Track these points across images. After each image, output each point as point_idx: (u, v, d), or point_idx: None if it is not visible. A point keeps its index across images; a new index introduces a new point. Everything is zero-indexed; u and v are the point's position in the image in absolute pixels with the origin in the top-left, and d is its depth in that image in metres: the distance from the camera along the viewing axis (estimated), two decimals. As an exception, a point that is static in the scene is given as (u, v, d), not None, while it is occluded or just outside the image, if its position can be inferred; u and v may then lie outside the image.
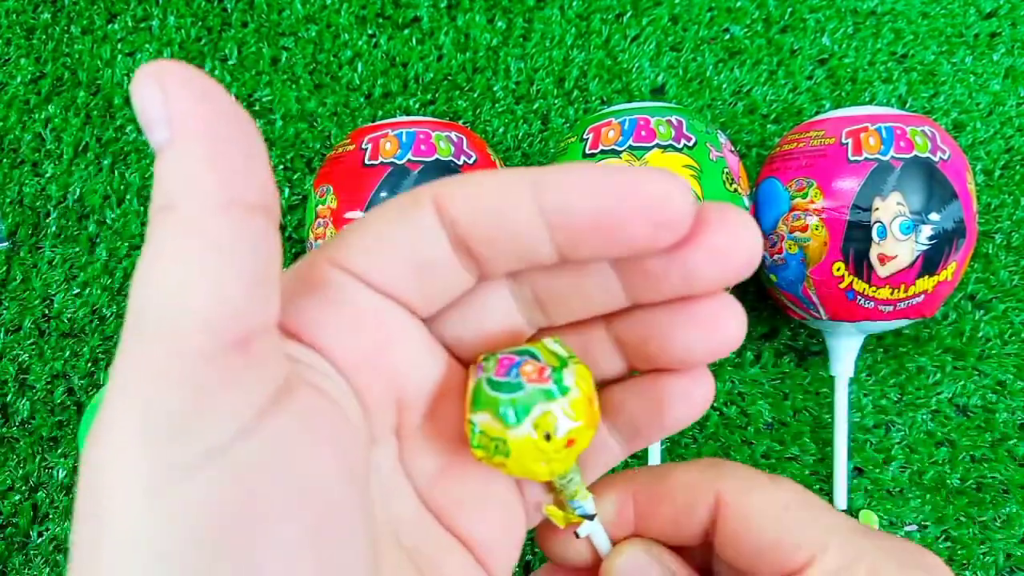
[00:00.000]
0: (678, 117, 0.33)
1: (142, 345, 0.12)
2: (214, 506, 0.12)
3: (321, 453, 0.14)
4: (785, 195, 0.34)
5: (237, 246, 0.13)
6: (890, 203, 0.32)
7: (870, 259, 0.32)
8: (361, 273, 0.16)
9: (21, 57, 0.42)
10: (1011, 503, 0.38)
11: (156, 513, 0.12)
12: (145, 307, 0.12)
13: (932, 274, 0.32)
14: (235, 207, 0.13)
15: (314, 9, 0.43)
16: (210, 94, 0.13)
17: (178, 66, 0.13)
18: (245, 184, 0.13)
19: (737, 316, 0.17)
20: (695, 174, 0.32)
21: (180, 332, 0.12)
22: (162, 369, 0.12)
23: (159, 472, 0.12)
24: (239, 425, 0.13)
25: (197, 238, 0.12)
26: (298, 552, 0.13)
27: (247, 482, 0.12)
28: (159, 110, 0.13)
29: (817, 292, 0.34)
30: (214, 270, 0.12)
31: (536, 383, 0.16)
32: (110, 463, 0.12)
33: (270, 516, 0.13)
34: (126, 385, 0.12)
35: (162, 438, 0.12)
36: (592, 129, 0.33)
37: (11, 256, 0.40)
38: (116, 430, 0.12)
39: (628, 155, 0.32)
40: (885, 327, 0.34)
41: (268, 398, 0.13)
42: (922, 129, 0.33)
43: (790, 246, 0.34)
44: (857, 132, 0.33)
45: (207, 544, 0.12)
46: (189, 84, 0.13)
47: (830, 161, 0.33)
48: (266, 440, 0.13)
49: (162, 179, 0.13)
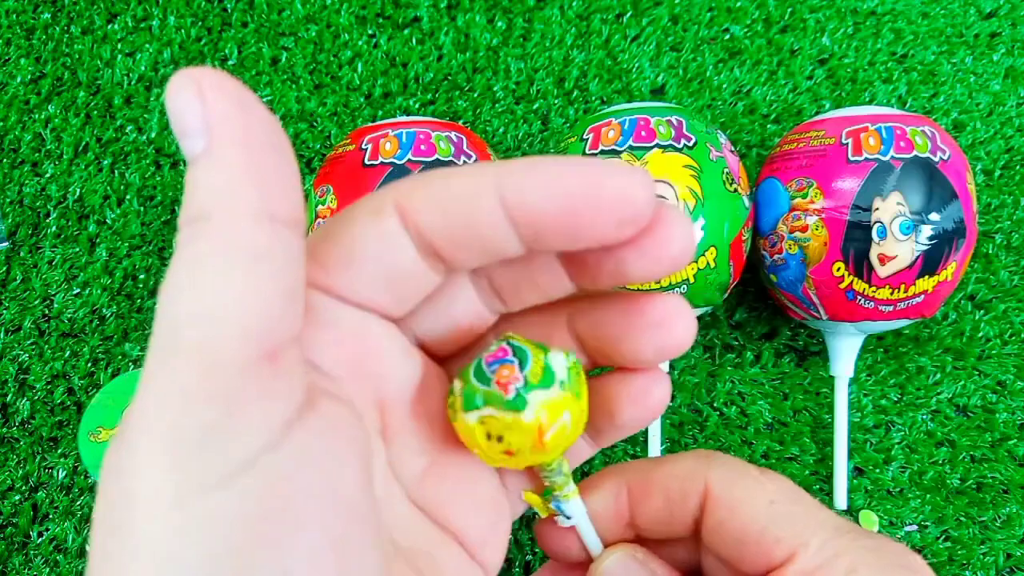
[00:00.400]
0: (678, 117, 0.33)
1: (176, 356, 0.12)
2: (241, 518, 0.12)
3: (345, 461, 0.14)
4: (785, 195, 0.34)
5: (274, 258, 0.13)
6: (890, 203, 0.32)
7: (870, 259, 0.32)
8: (334, 290, 0.16)
9: (21, 57, 0.42)
10: (1011, 503, 0.38)
11: (183, 525, 0.12)
12: (179, 316, 0.12)
13: (932, 274, 0.32)
14: (270, 219, 0.13)
15: (314, 9, 0.43)
16: (248, 104, 0.13)
17: (216, 74, 0.13)
18: (281, 197, 0.13)
19: (685, 318, 0.17)
20: (695, 174, 0.32)
21: (217, 342, 0.12)
22: (197, 380, 0.12)
23: (188, 484, 0.12)
24: (268, 437, 0.13)
25: (235, 247, 0.12)
26: (323, 560, 0.13)
27: (274, 493, 0.12)
28: (197, 118, 0.12)
29: (817, 292, 0.34)
30: (253, 281, 0.12)
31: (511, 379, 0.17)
32: (138, 473, 0.12)
33: (296, 525, 0.13)
34: (158, 395, 0.12)
35: (193, 451, 0.12)
36: (592, 129, 0.33)
37: (11, 256, 0.41)
38: (145, 441, 0.12)
39: (628, 155, 0.32)
40: (885, 327, 0.34)
41: (295, 409, 0.13)
42: (922, 129, 0.33)
43: (790, 246, 0.34)
44: (857, 132, 0.33)
45: (234, 555, 0.12)
46: (227, 93, 0.12)
47: (830, 161, 0.33)
48: (293, 451, 0.13)
49: (196, 189, 0.13)
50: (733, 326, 0.40)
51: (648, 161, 0.32)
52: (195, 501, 0.12)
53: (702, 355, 0.39)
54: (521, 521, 0.37)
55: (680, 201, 0.32)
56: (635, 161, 0.32)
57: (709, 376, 0.39)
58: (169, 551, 0.12)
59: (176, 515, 0.12)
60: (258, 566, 0.12)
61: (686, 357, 0.39)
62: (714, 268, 0.33)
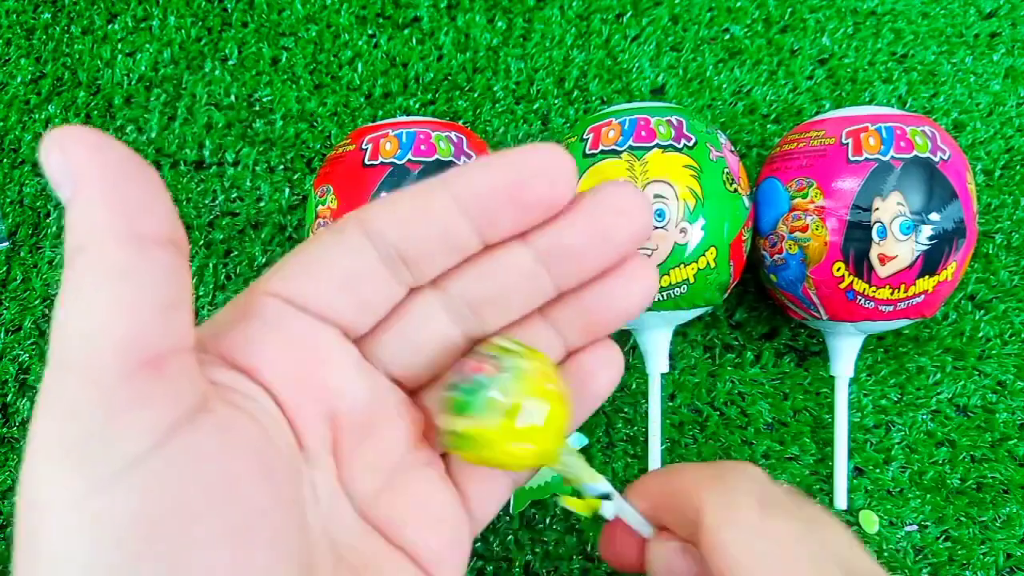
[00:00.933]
0: (678, 117, 0.33)
1: (62, 371, 0.13)
2: (132, 513, 0.13)
3: (238, 461, 0.15)
4: (785, 195, 0.34)
5: (143, 274, 0.14)
6: (890, 203, 0.32)
7: (870, 259, 0.32)
8: (292, 297, 0.17)
9: (21, 57, 0.42)
10: (1011, 503, 0.38)
11: (78, 525, 0.13)
12: (63, 336, 0.13)
13: (932, 274, 0.32)
14: (138, 239, 0.14)
15: (314, 9, 0.43)
16: (104, 146, 0.14)
17: (76, 128, 0.14)
18: (146, 218, 0.14)
19: (649, 270, 0.19)
20: (695, 174, 0.32)
21: (95, 356, 0.13)
22: (79, 392, 0.13)
23: (81, 487, 0.13)
24: (154, 438, 0.14)
25: (104, 269, 0.13)
26: (217, 550, 0.14)
27: (164, 489, 0.13)
28: (62, 170, 0.14)
29: (817, 292, 0.34)
30: (122, 295, 0.13)
31: (480, 372, 0.18)
32: (38, 482, 0.13)
33: (189, 518, 0.14)
34: (48, 408, 0.13)
35: (81, 456, 0.13)
36: (592, 129, 0.33)
37: (11, 256, 0.41)
38: (41, 452, 0.13)
39: (628, 155, 0.32)
40: (885, 327, 0.34)
41: (183, 413, 0.14)
42: (922, 129, 0.33)
43: (790, 246, 0.34)
44: (857, 132, 0.33)
45: (128, 548, 0.13)
46: (84, 140, 0.14)
47: (830, 161, 0.33)
48: (181, 450, 0.14)
49: (72, 228, 0.14)
50: (733, 326, 0.40)
51: (648, 161, 0.32)
52: (87, 502, 0.13)
53: (702, 355, 0.39)
54: (521, 521, 0.37)
55: (680, 201, 0.32)
56: (635, 162, 0.32)
57: (709, 376, 0.39)
58: (67, 550, 0.13)
59: (72, 516, 0.13)
60: (153, 557, 0.13)
61: (686, 357, 0.39)
62: (714, 268, 0.33)
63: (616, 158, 0.32)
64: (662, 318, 0.34)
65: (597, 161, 0.32)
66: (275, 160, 0.41)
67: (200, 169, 0.41)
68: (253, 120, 0.42)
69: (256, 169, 0.41)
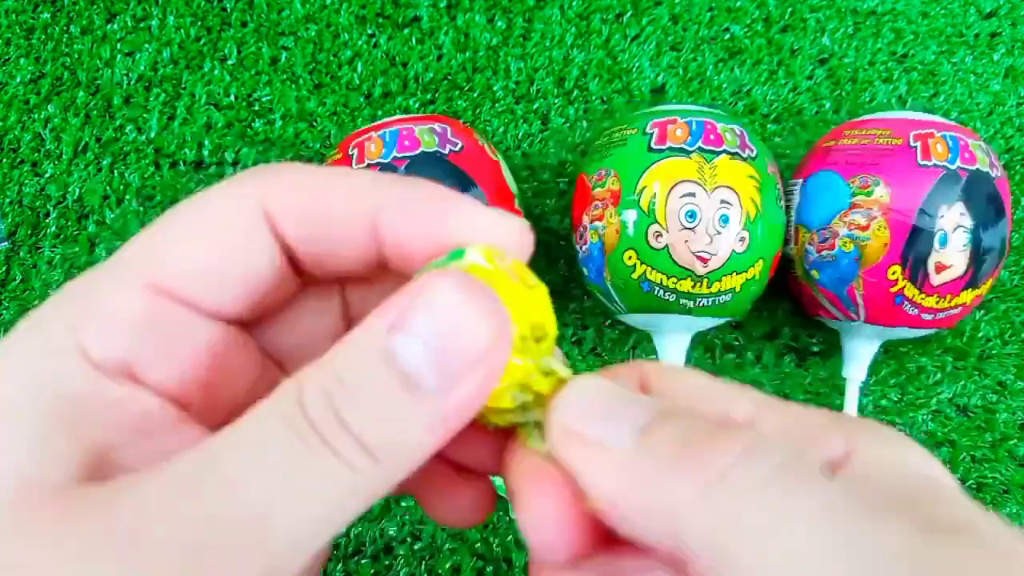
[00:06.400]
0: (740, 127, 0.33)
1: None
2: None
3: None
4: (846, 190, 0.33)
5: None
6: (954, 212, 0.31)
7: (927, 266, 0.32)
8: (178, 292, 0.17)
9: (21, 57, 0.42)
10: (1011, 503, 0.38)
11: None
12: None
13: (974, 288, 0.32)
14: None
15: (314, 9, 0.43)
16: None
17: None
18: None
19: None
20: (757, 185, 0.32)
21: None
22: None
23: None
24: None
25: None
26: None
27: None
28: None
29: (864, 293, 0.33)
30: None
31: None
32: None
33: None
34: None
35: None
36: (656, 124, 0.33)
37: (11, 256, 0.40)
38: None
39: (698, 156, 0.32)
40: (911, 335, 0.34)
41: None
42: (980, 144, 0.33)
43: (844, 243, 0.33)
44: (924, 137, 0.32)
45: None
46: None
47: (899, 162, 0.32)
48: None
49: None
50: (733, 326, 0.40)
51: (717, 165, 0.32)
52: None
53: (702, 355, 0.39)
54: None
55: (742, 210, 0.31)
56: (705, 163, 0.32)
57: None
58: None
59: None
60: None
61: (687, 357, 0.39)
62: (758, 280, 0.33)
63: (685, 157, 0.32)
64: (687, 323, 0.34)
65: (665, 157, 0.32)
66: (275, 160, 0.41)
67: (199, 169, 0.41)
68: (252, 120, 0.42)
69: (256, 169, 0.41)
